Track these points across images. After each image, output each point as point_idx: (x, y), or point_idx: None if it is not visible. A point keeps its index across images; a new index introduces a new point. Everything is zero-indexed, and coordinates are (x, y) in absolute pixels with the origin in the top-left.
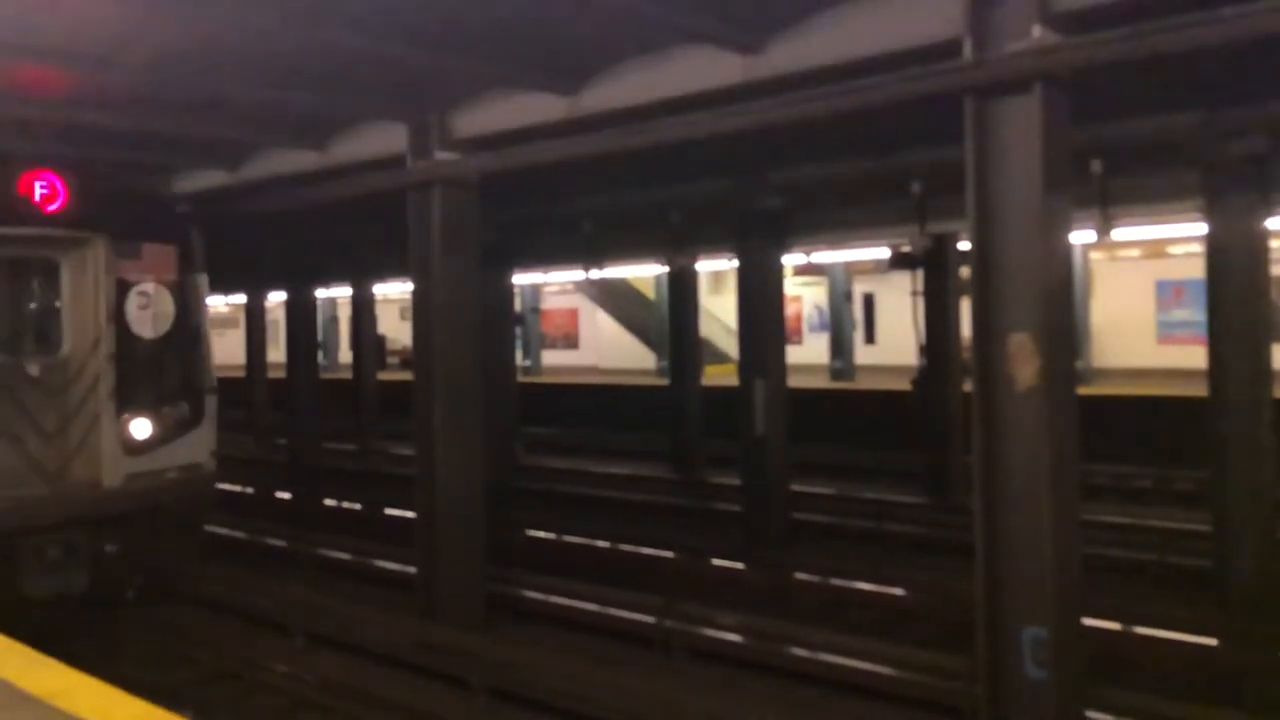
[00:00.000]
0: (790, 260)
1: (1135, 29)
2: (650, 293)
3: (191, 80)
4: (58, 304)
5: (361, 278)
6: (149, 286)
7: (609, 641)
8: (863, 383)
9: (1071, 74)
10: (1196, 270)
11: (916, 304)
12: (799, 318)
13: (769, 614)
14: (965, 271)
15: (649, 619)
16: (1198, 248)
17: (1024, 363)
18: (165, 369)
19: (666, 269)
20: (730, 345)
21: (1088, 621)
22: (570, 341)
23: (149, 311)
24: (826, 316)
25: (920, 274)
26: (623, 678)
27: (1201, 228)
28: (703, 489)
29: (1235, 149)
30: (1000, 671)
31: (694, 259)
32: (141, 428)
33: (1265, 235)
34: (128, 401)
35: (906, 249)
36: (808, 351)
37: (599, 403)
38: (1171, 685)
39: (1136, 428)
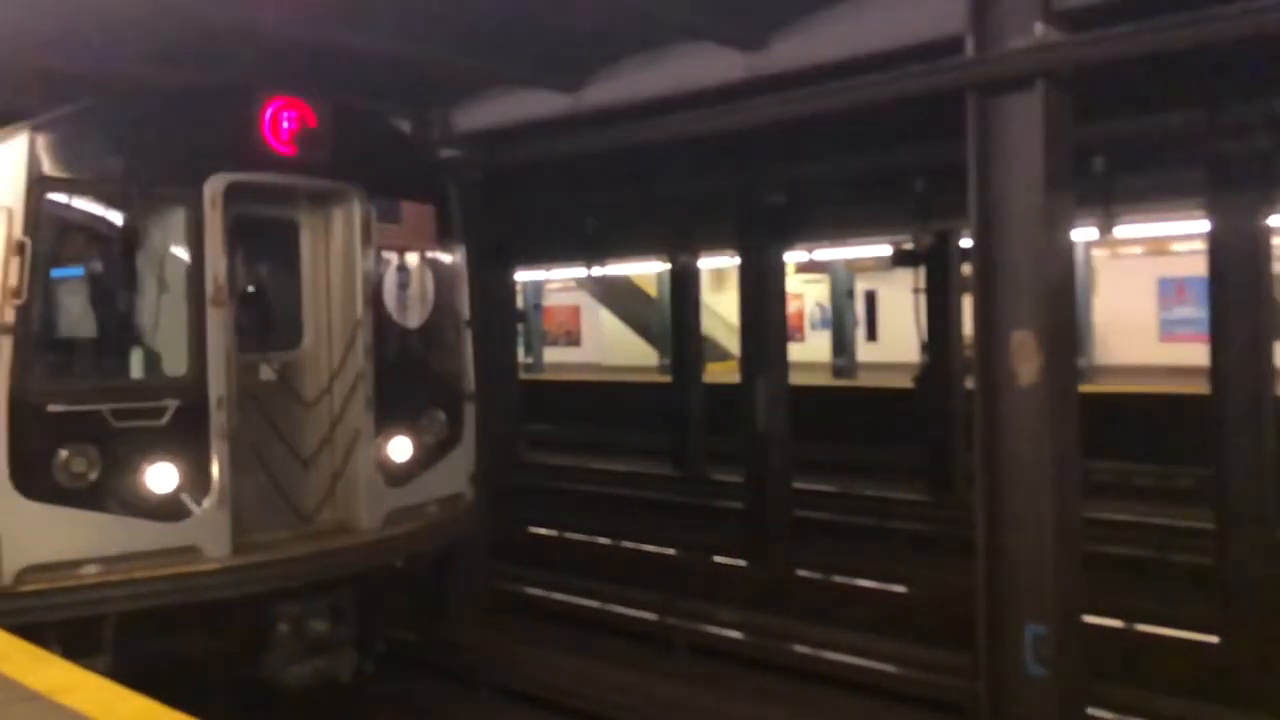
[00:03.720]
0: (792, 257)
1: (1137, 27)
2: (652, 290)
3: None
4: (296, 280)
5: None
6: (410, 260)
7: (611, 638)
8: (865, 380)
9: (1073, 71)
10: (1199, 268)
11: (918, 301)
12: (801, 315)
13: (770, 611)
14: (967, 269)
15: (651, 616)
16: (1200, 245)
17: (1026, 360)
18: (426, 370)
19: (668, 266)
20: (732, 342)
21: (1088, 619)
22: (572, 338)
23: (409, 293)
24: (828, 314)
25: (922, 271)
26: (624, 674)
27: (1204, 225)
28: (704, 486)
29: (1237, 146)
30: (1001, 668)
31: (696, 256)
32: (401, 449)
33: (1267, 233)
34: (387, 414)
35: (908, 246)
36: (810, 349)
37: (601, 400)
38: (1172, 682)
39: (1138, 425)
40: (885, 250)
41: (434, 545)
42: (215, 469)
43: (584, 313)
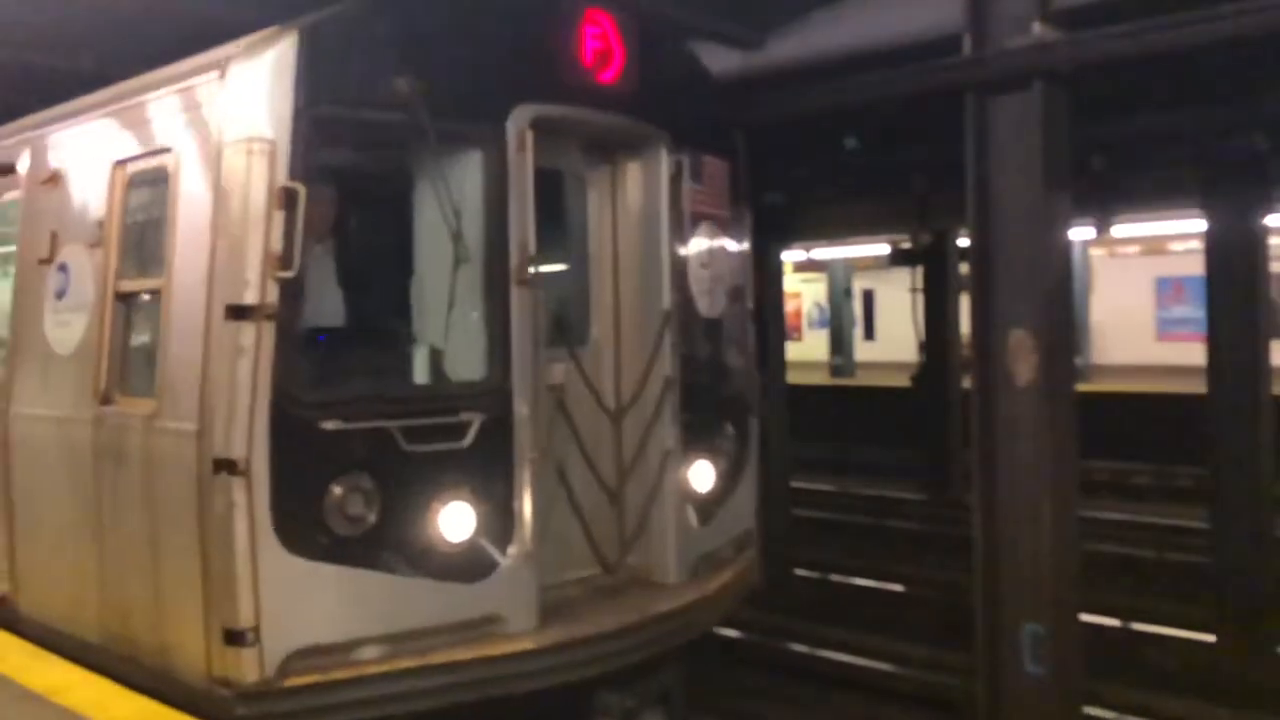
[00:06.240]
0: (790, 256)
1: (1134, 26)
2: None
3: None
4: (579, 253)
5: None
6: (714, 231)
7: None
8: (863, 379)
9: (1071, 71)
10: (1196, 267)
11: (916, 300)
12: (799, 314)
13: (769, 610)
14: (965, 268)
15: None
16: (1197, 244)
17: (1023, 359)
18: (722, 373)
19: None
20: None
21: (1086, 618)
22: None
23: (711, 274)
24: (826, 313)
25: (920, 270)
26: None
27: (1201, 225)
28: None
29: (1234, 146)
30: (999, 668)
31: None
32: (704, 475)
33: (1264, 232)
34: (689, 430)
35: (906, 245)
36: (808, 348)
37: None
38: (1170, 681)
39: (1135, 424)
40: (883, 249)
41: (729, 601)
42: (524, 507)
43: None
